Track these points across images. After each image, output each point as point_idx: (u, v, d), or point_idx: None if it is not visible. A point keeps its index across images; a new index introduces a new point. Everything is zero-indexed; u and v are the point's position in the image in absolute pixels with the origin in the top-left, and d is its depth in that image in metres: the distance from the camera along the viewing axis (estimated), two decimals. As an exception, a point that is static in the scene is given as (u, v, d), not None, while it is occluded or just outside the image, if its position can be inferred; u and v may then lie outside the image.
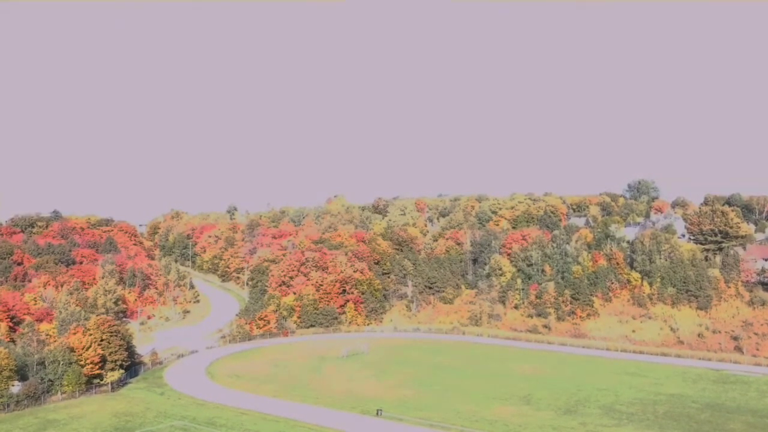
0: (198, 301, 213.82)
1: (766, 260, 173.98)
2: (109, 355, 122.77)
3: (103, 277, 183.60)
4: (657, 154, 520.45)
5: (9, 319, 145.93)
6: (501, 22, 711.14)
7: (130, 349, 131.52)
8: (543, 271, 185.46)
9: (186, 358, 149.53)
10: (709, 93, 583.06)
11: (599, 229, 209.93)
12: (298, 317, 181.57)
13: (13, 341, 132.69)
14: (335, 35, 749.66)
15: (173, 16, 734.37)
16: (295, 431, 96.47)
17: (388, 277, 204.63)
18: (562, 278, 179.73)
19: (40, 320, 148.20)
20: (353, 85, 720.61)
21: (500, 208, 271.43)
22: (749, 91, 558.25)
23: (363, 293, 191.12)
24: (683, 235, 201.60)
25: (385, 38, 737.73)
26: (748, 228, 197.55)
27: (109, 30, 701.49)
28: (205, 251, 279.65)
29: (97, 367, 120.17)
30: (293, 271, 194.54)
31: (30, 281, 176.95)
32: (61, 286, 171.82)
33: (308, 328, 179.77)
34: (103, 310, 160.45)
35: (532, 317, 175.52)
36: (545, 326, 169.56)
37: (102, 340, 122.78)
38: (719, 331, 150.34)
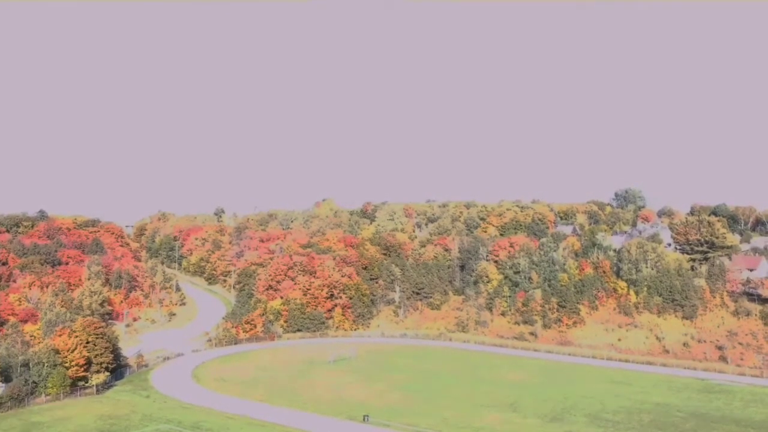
0: (184, 304, 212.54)
1: (751, 271, 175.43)
2: (95, 357, 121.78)
3: (89, 279, 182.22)
4: (644, 163, 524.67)
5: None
6: (491, 27, 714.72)
7: (115, 352, 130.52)
8: (530, 278, 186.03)
9: (172, 361, 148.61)
10: (696, 102, 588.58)
11: (586, 237, 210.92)
12: (285, 321, 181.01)
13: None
14: (326, 39, 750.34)
15: (164, 18, 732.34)
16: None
17: (376, 283, 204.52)
18: (549, 286, 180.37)
19: (24, 321, 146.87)
20: (343, 89, 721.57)
21: (488, 215, 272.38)
22: (736, 101, 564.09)
23: (351, 298, 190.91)
24: (669, 245, 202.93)
25: (377, 43, 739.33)
26: (733, 238, 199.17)
27: (96, 30, 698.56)
28: (191, 253, 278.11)
29: (82, 369, 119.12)
30: (281, 275, 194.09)
31: (15, 281, 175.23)
32: (47, 286, 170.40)
33: (295, 332, 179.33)
34: (89, 312, 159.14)
35: (518, 324, 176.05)
36: (532, 333, 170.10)
37: (87, 342, 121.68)
38: (704, 341, 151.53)
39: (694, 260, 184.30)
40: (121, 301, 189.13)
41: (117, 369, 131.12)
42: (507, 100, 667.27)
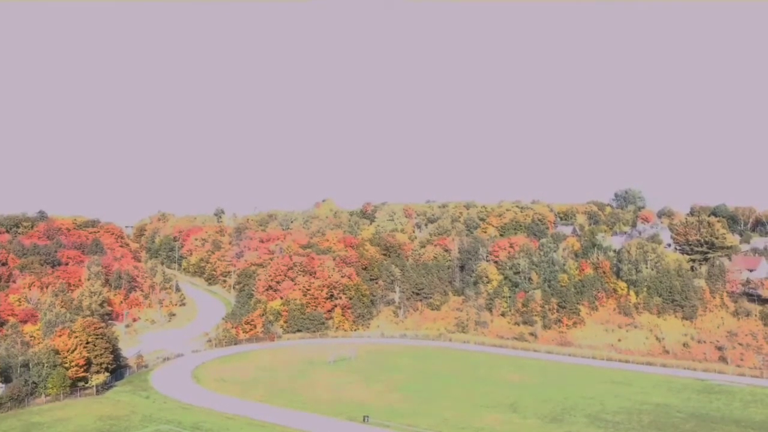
0: (184, 304, 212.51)
1: (751, 271, 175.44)
2: (95, 357, 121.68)
3: (88, 279, 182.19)
4: (644, 163, 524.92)
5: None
6: (491, 27, 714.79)
7: (115, 352, 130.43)
8: (530, 279, 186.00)
9: (172, 361, 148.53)
10: (696, 102, 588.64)
11: (586, 238, 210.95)
12: (285, 322, 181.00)
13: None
14: (326, 39, 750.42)
15: (164, 18, 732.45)
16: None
17: (376, 283, 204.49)
18: (549, 286, 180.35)
19: (24, 322, 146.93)
20: (343, 89, 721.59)
21: (488, 216, 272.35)
22: (736, 101, 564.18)
23: (350, 299, 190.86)
24: (669, 245, 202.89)
25: (377, 43, 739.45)
26: (733, 239, 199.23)
27: (96, 30, 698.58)
28: (191, 254, 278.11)
29: (82, 369, 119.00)
30: (280, 275, 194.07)
31: (15, 282, 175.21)
32: (47, 287, 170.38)
33: (295, 333, 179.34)
34: (89, 312, 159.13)
35: (518, 325, 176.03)
36: (531, 334, 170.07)
37: (87, 343, 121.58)
38: (704, 341, 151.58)
39: (693, 261, 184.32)
40: (121, 302, 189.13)
41: (117, 369, 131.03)
42: (507, 100, 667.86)
